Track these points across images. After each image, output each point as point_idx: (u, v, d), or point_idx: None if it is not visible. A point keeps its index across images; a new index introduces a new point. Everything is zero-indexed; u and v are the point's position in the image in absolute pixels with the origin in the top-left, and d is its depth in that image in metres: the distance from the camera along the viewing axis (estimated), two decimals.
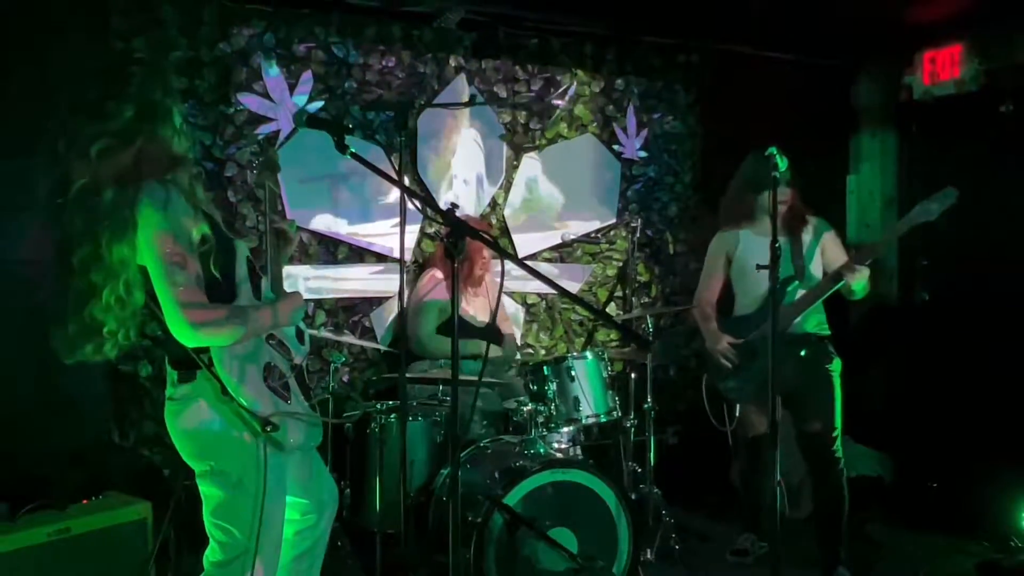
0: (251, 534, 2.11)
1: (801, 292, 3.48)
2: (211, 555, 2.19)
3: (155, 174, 2.05)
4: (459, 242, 2.07)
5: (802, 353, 3.48)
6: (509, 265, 2.25)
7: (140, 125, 2.05)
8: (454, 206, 2.13)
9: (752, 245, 3.54)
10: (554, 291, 4.64)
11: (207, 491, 2.16)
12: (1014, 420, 4.27)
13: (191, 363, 2.06)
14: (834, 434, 3.51)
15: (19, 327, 3.48)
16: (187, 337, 1.99)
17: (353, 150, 2.19)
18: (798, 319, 3.47)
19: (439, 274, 4.08)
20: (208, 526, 2.18)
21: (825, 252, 3.59)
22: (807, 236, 3.58)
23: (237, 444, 2.09)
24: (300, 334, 2.36)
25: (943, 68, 4.74)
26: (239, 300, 2.16)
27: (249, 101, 3.91)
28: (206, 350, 2.05)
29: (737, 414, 3.73)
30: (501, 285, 2.24)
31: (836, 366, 3.54)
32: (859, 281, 3.35)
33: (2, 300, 3.47)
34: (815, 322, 3.56)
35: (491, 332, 4.04)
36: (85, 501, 3.15)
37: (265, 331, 2.17)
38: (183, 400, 2.11)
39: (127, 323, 2.06)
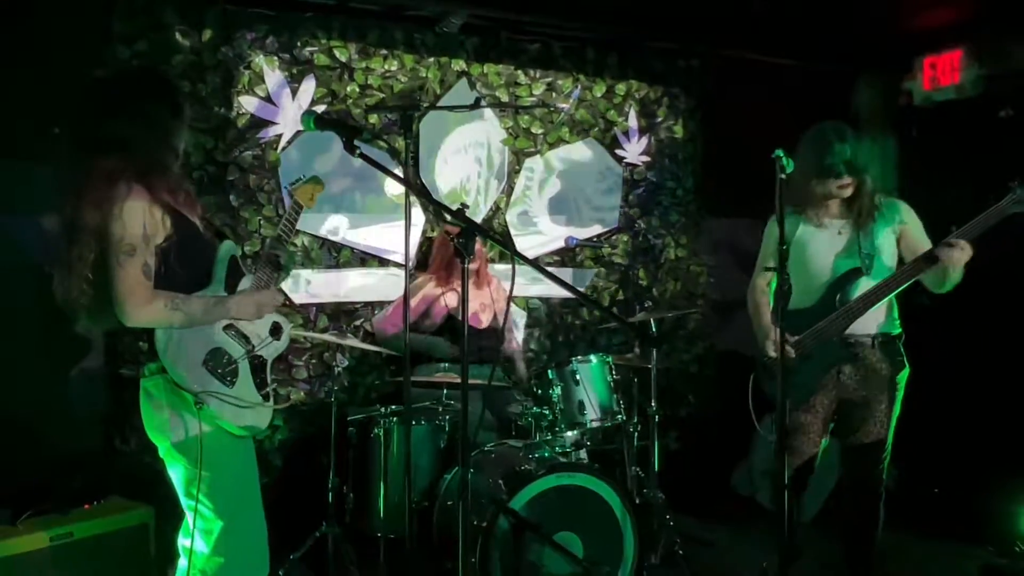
0: (222, 511, 2.27)
1: (869, 286, 3.11)
2: (183, 532, 2.34)
3: (132, 178, 2.18)
4: (469, 243, 2.07)
5: (863, 355, 3.16)
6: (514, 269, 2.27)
7: (128, 135, 2.22)
8: (464, 206, 2.12)
9: (806, 234, 3.24)
10: (555, 296, 4.68)
11: (173, 470, 2.32)
12: (1018, 425, 4.27)
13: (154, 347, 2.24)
14: (884, 453, 3.24)
15: (19, 332, 3.47)
16: (124, 317, 2.16)
17: (362, 151, 2.19)
18: (862, 316, 3.12)
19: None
20: (186, 509, 2.33)
21: (903, 239, 3.20)
22: (880, 223, 3.19)
23: (186, 422, 2.23)
24: (277, 329, 2.49)
25: (943, 74, 4.75)
26: (207, 292, 2.31)
27: (251, 105, 3.90)
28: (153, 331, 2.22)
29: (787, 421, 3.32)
30: (512, 288, 2.22)
31: (903, 376, 3.21)
32: (958, 263, 2.95)
33: (2, 304, 3.45)
34: (885, 319, 3.20)
35: (495, 336, 4.01)
36: (87, 506, 3.12)
37: (211, 321, 2.28)
38: (148, 379, 2.28)
39: (102, 303, 2.20)
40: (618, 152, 4.83)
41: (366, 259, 4.22)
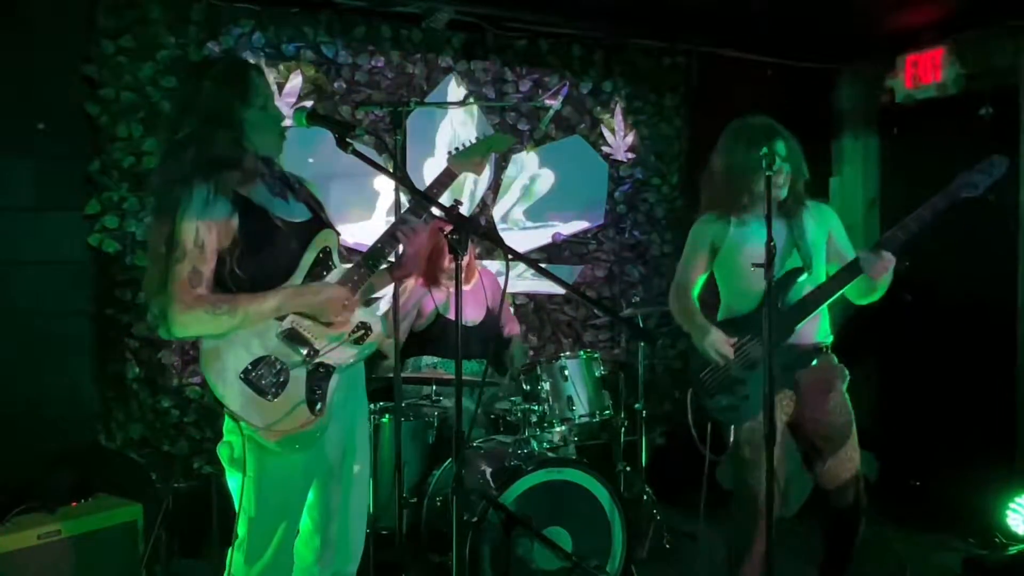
0: (244, 516, 2.14)
1: (809, 288, 2.87)
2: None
3: (205, 175, 2.09)
4: (463, 239, 2.07)
5: (813, 364, 2.92)
6: (503, 266, 2.25)
7: (200, 132, 2.11)
8: (458, 202, 2.13)
9: (737, 236, 2.95)
10: (541, 292, 4.70)
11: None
12: (996, 418, 4.33)
13: None
14: (856, 460, 3.02)
15: (5, 330, 3.44)
16: (170, 325, 2.05)
17: (354, 147, 2.19)
18: (803, 324, 2.87)
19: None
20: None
21: (831, 244, 3.00)
22: (810, 222, 2.97)
23: (232, 423, 2.13)
24: (358, 330, 2.23)
25: (925, 72, 4.80)
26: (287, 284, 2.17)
27: None
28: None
29: (732, 439, 3.01)
30: (505, 285, 2.23)
31: (846, 384, 3.01)
32: (879, 273, 2.75)
33: None
34: (822, 328, 2.98)
35: (487, 331, 4.00)
36: (75, 504, 3.10)
37: (261, 320, 2.10)
38: None
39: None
40: (604, 149, 4.85)
41: (351, 256, 4.21)
